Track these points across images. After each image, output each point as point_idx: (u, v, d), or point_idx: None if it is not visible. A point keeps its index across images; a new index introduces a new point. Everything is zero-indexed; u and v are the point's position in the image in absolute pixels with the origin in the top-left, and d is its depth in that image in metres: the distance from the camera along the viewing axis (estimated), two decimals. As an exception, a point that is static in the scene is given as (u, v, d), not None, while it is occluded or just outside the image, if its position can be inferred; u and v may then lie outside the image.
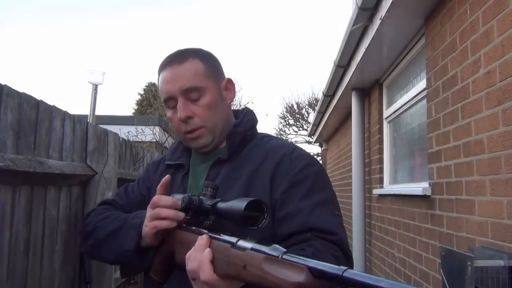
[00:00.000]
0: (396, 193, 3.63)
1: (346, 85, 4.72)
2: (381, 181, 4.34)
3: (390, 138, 4.29)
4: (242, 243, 0.81)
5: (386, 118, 4.32)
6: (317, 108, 7.47)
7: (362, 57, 3.76)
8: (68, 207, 1.74)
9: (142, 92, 22.81)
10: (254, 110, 1.29)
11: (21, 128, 1.35)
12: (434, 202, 2.75)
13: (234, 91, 1.24)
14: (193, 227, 0.97)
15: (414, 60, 3.54)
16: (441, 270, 2.10)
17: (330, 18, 42.40)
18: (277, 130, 20.00)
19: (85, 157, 1.88)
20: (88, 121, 2.01)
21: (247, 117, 1.22)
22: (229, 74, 1.25)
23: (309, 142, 16.51)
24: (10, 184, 1.31)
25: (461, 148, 2.36)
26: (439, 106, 2.69)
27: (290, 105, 19.71)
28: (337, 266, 0.65)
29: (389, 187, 4.15)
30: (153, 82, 22.05)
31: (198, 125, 1.13)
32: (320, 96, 9.68)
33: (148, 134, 9.02)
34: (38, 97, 1.48)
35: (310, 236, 0.98)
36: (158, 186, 1.03)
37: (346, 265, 0.99)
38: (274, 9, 42.08)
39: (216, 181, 1.08)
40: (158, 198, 0.99)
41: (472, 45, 2.26)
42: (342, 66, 4.51)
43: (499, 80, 1.96)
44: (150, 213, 1.00)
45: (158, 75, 1.19)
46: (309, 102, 19.09)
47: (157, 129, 9.92)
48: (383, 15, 2.94)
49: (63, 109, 1.67)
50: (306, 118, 19.35)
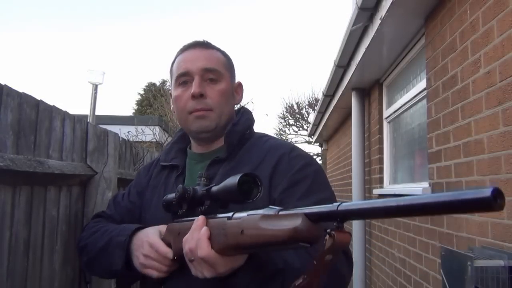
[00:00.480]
0: (396, 193, 3.62)
1: (346, 85, 4.72)
2: (381, 181, 4.35)
3: (390, 138, 4.29)
4: (238, 215, 0.82)
5: (386, 118, 4.32)
6: (317, 108, 7.47)
7: (362, 57, 3.76)
8: (68, 207, 1.74)
9: (142, 92, 22.83)
10: (254, 110, 1.30)
11: (21, 128, 1.35)
12: (434, 202, 2.75)
13: (242, 96, 1.28)
14: (188, 218, 0.98)
15: (414, 60, 3.54)
16: (441, 270, 2.10)
17: (330, 18, 42.44)
18: (277, 130, 20.01)
19: (85, 157, 1.88)
20: (88, 121, 2.01)
21: (245, 116, 1.23)
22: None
23: (309, 142, 16.51)
24: (10, 184, 1.31)
25: (461, 148, 2.36)
26: (439, 106, 2.69)
27: (290, 105, 19.72)
28: (330, 204, 0.66)
29: (389, 187, 4.15)
30: (153, 82, 22.10)
31: (208, 105, 1.14)
32: (320, 96, 9.68)
33: (148, 134, 9.02)
34: (38, 97, 1.48)
35: None
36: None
37: (345, 262, 1.00)
38: (274, 9, 42.10)
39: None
40: (157, 247, 1.01)
41: (472, 45, 2.26)
42: (342, 66, 4.51)
43: (499, 80, 1.96)
44: (145, 258, 1.02)
45: (176, 56, 1.21)
46: (309, 102, 19.10)
47: (157, 129, 9.92)
48: (383, 15, 2.93)
49: (63, 109, 1.67)
50: (306, 118, 19.35)
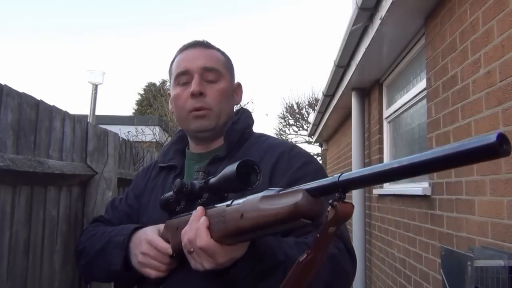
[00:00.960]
0: (396, 193, 3.63)
1: (346, 85, 4.72)
2: (381, 181, 4.34)
3: (390, 138, 4.29)
4: (237, 201, 0.79)
5: (386, 118, 4.32)
6: (317, 108, 7.47)
7: (362, 57, 3.76)
8: (68, 207, 1.74)
9: (142, 92, 22.82)
10: (254, 110, 1.31)
11: (21, 128, 1.35)
12: (434, 202, 2.75)
13: (241, 97, 1.28)
14: (187, 213, 0.97)
15: (414, 60, 3.54)
16: (441, 270, 2.10)
17: (330, 18, 42.43)
18: (277, 130, 20.00)
19: (85, 157, 1.88)
20: (88, 121, 2.01)
21: (244, 115, 1.24)
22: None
23: (309, 142, 16.50)
24: (10, 184, 1.31)
25: (461, 148, 2.35)
26: (439, 106, 2.69)
27: (290, 105, 19.71)
28: (331, 177, 0.64)
29: (389, 187, 4.15)
30: (153, 82, 22.10)
31: (207, 104, 1.14)
32: (320, 96, 9.68)
33: (148, 134, 9.03)
34: (38, 97, 1.48)
35: (311, 229, 0.97)
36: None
37: (349, 258, 1.00)
38: (274, 9, 42.10)
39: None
40: (156, 243, 0.99)
41: (472, 45, 2.26)
42: (342, 66, 4.51)
43: (499, 80, 1.96)
44: (143, 256, 1.00)
45: (176, 56, 1.21)
46: (309, 102, 19.09)
47: (157, 129, 9.92)
48: (383, 15, 2.93)
49: (63, 109, 1.67)
50: (306, 118, 19.35)
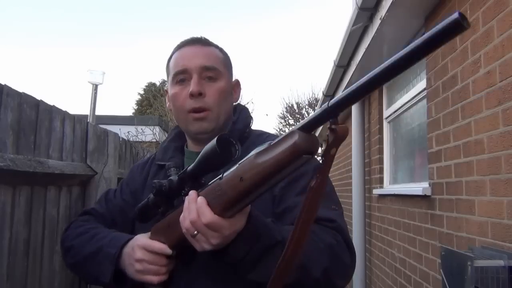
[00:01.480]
0: (396, 193, 3.62)
1: (346, 85, 4.71)
2: (381, 181, 4.34)
3: (390, 138, 4.28)
4: (228, 172, 0.79)
5: (386, 118, 4.31)
6: (317, 108, 7.46)
7: (362, 57, 3.76)
8: (68, 207, 1.74)
9: (142, 92, 22.83)
10: (254, 110, 1.30)
11: (21, 128, 1.35)
12: (434, 202, 2.75)
13: (239, 94, 1.26)
14: (171, 210, 0.96)
15: (414, 60, 3.53)
16: (441, 270, 2.10)
17: (330, 18, 42.43)
18: (277, 130, 19.98)
19: (85, 157, 1.88)
20: (88, 121, 2.01)
21: (244, 114, 1.23)
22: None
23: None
24: (10, 184, 1.31)
25: (461, 148, 2.35)
26: (439, 106, 2.69)
27: (290, 105, 19.72)
28: (321, 107, 0.63)
29: (389, 187, 4.15)
30: (153, 82, 22.10)
31: (207, 105, 1.11)
32: (320, 96, 9.68)
33: (148, 134, 9.03)
34: (38, 97, 1.48)
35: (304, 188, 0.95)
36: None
37: (347, 251, 0.99)
38: (274, 9, 42.09)
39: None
40: (151, 246, 0.97)
41: (472, 45, 2.26)
42: (342, 66, 4.51)
43: (499, 80, 1.96)
44: (139, 264, 0.97)
45: (173, 53, 1.18)
46: (309, 102, 19.09)
47: (157, 129, 9.93)
48: (383, 15, 2.93)
49: (63, 109, 1.67)
50: (306, 118, 19.34)
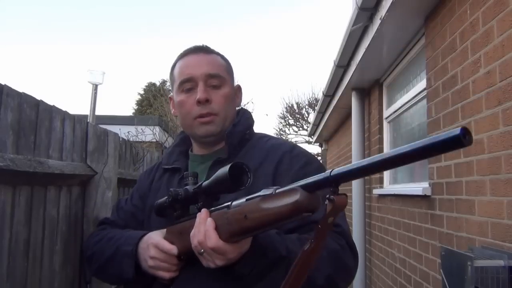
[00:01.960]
0: (396, 193, 3.63)
1: (346, 85, 4.72)
2: (381, 181, 4.34)
3: (390, 138, 4.29)
4: (236, 202, 0.86)
5: (386, 118, 4.32)
6: (317, 108, 7.46)
7: (362, 57, 3.76)
8: (68, 207, 1.74)
9: (142, 92, 22.82)
10: (254, 110, 1.33)
11: (21, 128, 1.35)
12: (434, 202, 2.75)
13: (241, 98, 1.31)
14: (185, 217, 1.02)
15: (414, 60, 3.54)
16: (441, 270, 2.10)
17: (330, 18, 42.43)
18: (277, 130, 19.99)
19: (85, 157, 1.88)
20: (88, 121, 2.01)
21: (245, 117, 1.26)
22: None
23: (309, 142, 16.49)
24: (10, 184, 1.31)
25: (461, 148, 2.35)
26: (439, 106, 2.69)
27: (290, 105, 19.70)
28: (323, 173, 0.70)
29: (389, 187, 4.15)
30: (153, 82, 22.09)
31: (214, 111, 1.17)
32: (320, 96, 9.67)
33: (148, 134, 9.02)
34: (38, 97, 1.48)
35: (313, 227, 0.99)
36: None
37: (351, 254, 1.03)
38: (274, 8, 42.10)
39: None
40: (162, 246, 1.02)
41: (472, 45, 2.26)
42: (342, 66, 4.51)
43: (499, 80, 1.96)
44: (152, 260, 1.03)
45: (177, 61, 1.23)
46: (309, 102, 19.08)
47: (157, 129, 9.92)
48: (383, 15, 2.93)
49: (63, 109, 1.67)
50: (306, 118, 19.34)
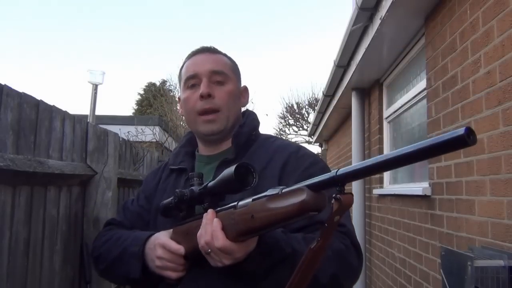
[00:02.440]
0: (396, 193, 3.62)
1: (346, 85, 4.72)
2: (381, 181, 4.34)
3: (390, 138, 4.29)
4: (242, 202, 0.86)
5: (386, 118, 4.31)
6: (317, 108, 7.46)
7: (362, 57, 3.76)
8: (68, 207, 1.74)
9: (142, 92, 22.81)
10: (254, 110, 1.34)
11: (21, 128, 1.35)
12: (434, 202, 2.75)
13: (248, 99, 1.32)
14: (192, 218, 1.02)
15: (414, 60, 3.54)
16: (441, 270, 2.10)
17: (330, 18, 42.43)
18: (277, 130, 19.99)
19: (85, 157, 1.88)
20: (88, 121, 2.01)
21: (251, 118, 1.27)
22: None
23: (309, 142, 16.48)
24: (10, 184, 1.31)
25: (461, 148, 2.35)
26: (439, 106, 2.69)
27: (290, 105, 19.71)
28: (328, 173, 0.71)
29: (389, 187, 4.15)
30: (153, 82, 22.08)
31: (216, 106, 1.18)
32: (320, 96, 9.68)
33: (148, 134, 9.03)
34: (38, 97, 1.48)
35: (319, 226, 0.99)
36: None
37: (355, 254, 1.04)
38: (274, 8, 42.11)
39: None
40: (168, 246, 1.03)
41: (472, 45, 2.26)
42: (342, 66, 4.51)
43: (499, 80, 1.96)
44: (160, 260, 1.04)
45: (185, 62, 1.26)
46: (309, 102, 19.09)
47: (157, 129, 9.94)
48: (383, 15, 2.93)
49: (63, 109, 1.67)
50: (306, 118, 19.34)
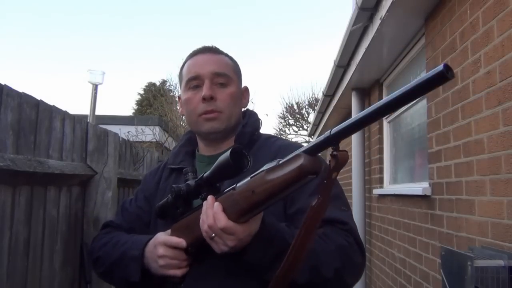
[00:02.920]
0: (396, 193, 3.62)
1: (346, 85, 4.71)
2: (381, 181, 4.34)
3: (390, 138, 4.29)
4: (240, 183, 0.87)
5: (386, 118, 4.31)
6: (317, 108, 7.46)
7: (362, 57, 3.76)
8: (68, 207, 1.74)
9: (142, 92, 22.81)
10: (254, 110, 1.33)
11: (21, 128, 1.35)
12: (434, 202, 2.75)
13: (248, 100, 1.32)
14: (190, 211, 1.02)
15: (414, 60, 3.54)
16: (441, 270, 2.10)
17: (330, 18, 42.41)
18: (277, 130, 19.97)
19: (85, 157, 1.88)
20: (88, 121, 2.01)
21: (253, 118, 1.27)
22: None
23: (309, 142, 16.48)
24: (10, 184, 1.31)
25: (461, 148, 2.36)
26: (439, 106, 2.69)
27: (290, 105, 19.69)
28: (324, 134, 0.72)
29: (389, 187, 4.15)
30: (153, 82, 22.09)
31: (218, 108, 1.18)
32: (320, 96, 9.68)
33: (148, 134, 9.04)
34: (38, 97, 1.48)
35: (321, 225, 1.00)
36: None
37: (359, 251, 1.04)
38: (274, 8, 42.11)
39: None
40: (169, 242, 1.02)
41: (472, 45, 2.26)
42: (342, 66, 4.51)
43: (499, 80, 1.96)
44: (162, 259, 1.03)
45: (186, 61, 1.25)
46: (309, 102, 19.07)
47: (157, 129, 9.94)
48: (383, 15, 2.93)
49: (63, 109, 1.67)
50: (306, 118, 19.33)
